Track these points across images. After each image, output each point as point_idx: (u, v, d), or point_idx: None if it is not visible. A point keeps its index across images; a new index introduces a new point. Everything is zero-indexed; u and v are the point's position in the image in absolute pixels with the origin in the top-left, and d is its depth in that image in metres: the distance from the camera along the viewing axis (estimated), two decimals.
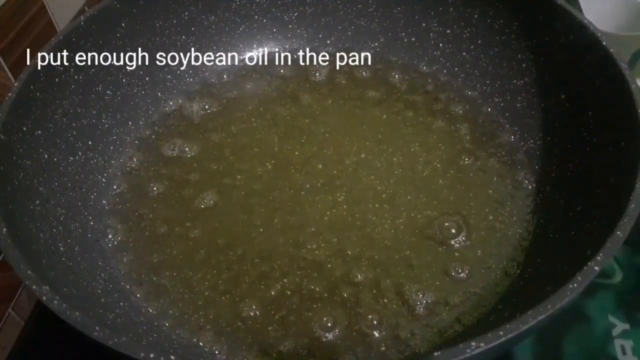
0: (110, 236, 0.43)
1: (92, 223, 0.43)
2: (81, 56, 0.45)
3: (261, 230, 0.43)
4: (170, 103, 0.53)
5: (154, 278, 0.41)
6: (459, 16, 0.52)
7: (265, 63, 0.57)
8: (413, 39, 0.56)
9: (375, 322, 0.37)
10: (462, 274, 0.40)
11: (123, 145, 0.49)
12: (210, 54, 0.56)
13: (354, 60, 0.57)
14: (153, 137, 0.50)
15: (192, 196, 0.45)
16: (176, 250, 0.42)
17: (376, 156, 0.48)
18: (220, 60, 0.57)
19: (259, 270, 0.40)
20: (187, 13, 0.53)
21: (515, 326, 0.26)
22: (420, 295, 0.38)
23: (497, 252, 0.41)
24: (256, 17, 0.57)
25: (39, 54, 0.41)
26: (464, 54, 0.53)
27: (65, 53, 0.43)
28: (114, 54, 0.48)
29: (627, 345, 0.40)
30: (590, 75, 0.41)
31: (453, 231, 0.42)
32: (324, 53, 0.58)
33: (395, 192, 0.45)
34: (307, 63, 0.57)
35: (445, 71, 0.54)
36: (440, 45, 0.55)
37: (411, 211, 0.43)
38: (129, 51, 0.49)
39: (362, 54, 0.57)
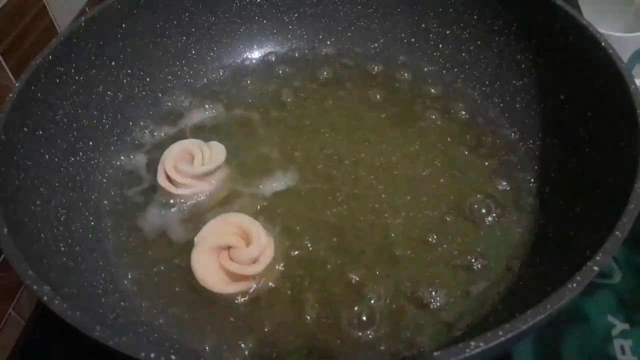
0: (111, 236, 0.43)
1: (92, 223, 0.43)
2: (82, 57, 0.45)
3: None
4: (171, 104, 0.53)
5: (155, 278, 0.41)
6: (458, 17, 0.53)
7: (265, 64, 0.57)
8: (413, 40, 0.56)
9: (374, 321, 0.37)
10: (462, 275, 0.40)
11: (124, 145, 0.49)
12: (211, 54, 0.56)
13: (353, 61, 0.57)
14: (153, 137, 0.50)
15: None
16: (176, 250, 0.42)
17: (376, 156, 0.48)
18: (221, 61, 0.57)
19: None
20: (187, 14, 0.53)
21: (515, 326, 0.26)
22: (420, 296, 0.38)
23: (497, 252, 0.41)
24: (256, 18, 0.57)
25: (40, 55, 0.41)
26: (463, 54, 0.53)
27: (66, 54, 0.43)
28: (115, 55, 0.48)
29: (627, 345, 0.40)
30: (589, 75, 0.42)
31: (453, 231, 0.42)
32: (323, 54, 0.58)
33: (395, 192, 0.45)
34: (307, 64, 0.57)
35: (444, 72, 0.55)
36: (440, 46, 0.55)
37: (411, 211, 0.43)
38: (130, 52, 0.50)
39: (362, 55, 0.57)
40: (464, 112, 0.51)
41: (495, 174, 0.46)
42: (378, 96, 0.53)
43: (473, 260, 0.40)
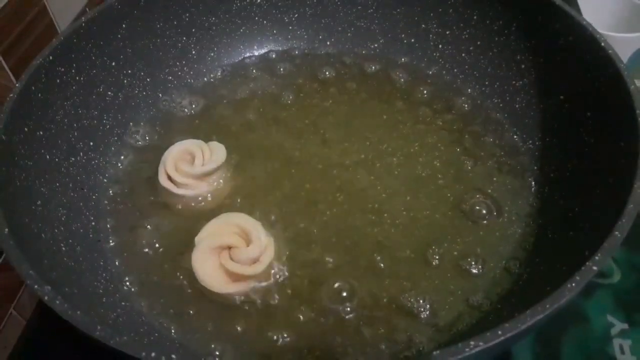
0: (111, 236, 0.43)
1: (93, 223, 0.43)
2: (82, 57, 0.45)
3: None
4: (172, 104, 0.53)
5: (155, 278, 0.41)
6: (458, 17, 0.53)
7: (266, 64, 0.57)
8: (413, 40, 0.56)
9: (374, 322, 0.37)
10: (462, 275, 0.40)
11: (124, 145, 0.49)
12: (211, 54, 0.56)
13: (353, 62, 0.57)
14: (154, 137, 0.50)
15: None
16: (177, 250, 0.42)
17: (376, 156, 0.48)
18: (221, 61, 0.57)
19: None
20: (187, 14, 0.53)
21: (514, 325, 0.26)
22: (420, 296, 0.38)
23: (497, 251, 0.41)
24: (256, 18, 0.57)
25: (41, 55, 0.41)
26: (463, 55, 0.53)
27: (66, 54, 0.43)
28: (115, 55, 0.48)
29: (626, 345, 0.40)
30: (589, 75, 0.42)
31: (452, 232, 0.42)
32: (323, 54, 0.58)
33: (395, 192, 0.45)
34: (307, 64, 0.57)
35: (444, 72, 0.55)
36: (440, 46, 0.55)
37: (410, 211, 0.44)
38: (130, 52, 0.50)
39: (362, 55, 0.57)
40: (463, 113, 0.51)
41: (494, 174, 0.46)
42: (378, 96, 0.53)
43: (473, 261, 0.40)
